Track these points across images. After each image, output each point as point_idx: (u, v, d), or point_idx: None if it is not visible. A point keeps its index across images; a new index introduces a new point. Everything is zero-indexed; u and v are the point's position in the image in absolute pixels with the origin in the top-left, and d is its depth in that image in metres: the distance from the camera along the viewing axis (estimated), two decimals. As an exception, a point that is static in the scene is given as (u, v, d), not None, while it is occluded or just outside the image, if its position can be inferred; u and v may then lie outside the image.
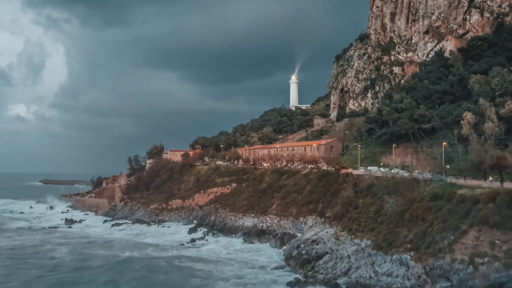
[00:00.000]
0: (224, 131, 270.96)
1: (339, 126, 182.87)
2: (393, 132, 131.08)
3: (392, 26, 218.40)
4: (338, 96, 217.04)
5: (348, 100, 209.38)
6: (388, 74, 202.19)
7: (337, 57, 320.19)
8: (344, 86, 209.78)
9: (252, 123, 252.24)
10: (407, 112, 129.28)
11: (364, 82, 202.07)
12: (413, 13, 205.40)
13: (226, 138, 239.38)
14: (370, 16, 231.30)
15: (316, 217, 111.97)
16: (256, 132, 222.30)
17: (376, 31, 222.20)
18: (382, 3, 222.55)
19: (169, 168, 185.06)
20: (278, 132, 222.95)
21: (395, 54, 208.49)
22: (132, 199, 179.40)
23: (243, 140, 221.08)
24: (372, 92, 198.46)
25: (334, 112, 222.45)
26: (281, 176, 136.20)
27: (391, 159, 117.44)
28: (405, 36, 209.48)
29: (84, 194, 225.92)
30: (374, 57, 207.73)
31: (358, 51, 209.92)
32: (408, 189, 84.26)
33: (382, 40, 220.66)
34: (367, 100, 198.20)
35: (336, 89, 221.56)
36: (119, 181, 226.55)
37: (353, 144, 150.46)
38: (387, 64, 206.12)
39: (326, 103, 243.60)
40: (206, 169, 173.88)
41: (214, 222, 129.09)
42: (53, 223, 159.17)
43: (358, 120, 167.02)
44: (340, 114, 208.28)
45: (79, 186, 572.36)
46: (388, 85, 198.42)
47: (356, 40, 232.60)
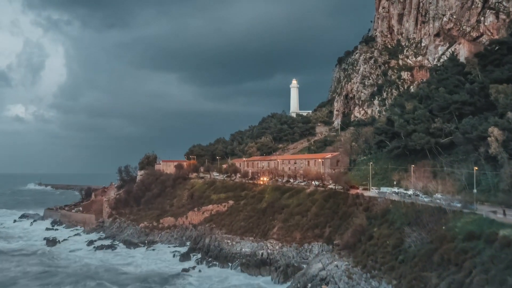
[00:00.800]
0: (221, 138, 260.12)
1: (344, 136, 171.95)
2: (407, 146, 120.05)
3: (399, 28, 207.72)
4: (342, 102, 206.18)
5: (353, 107, 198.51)
6: (396, 79, 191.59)
7: (339, 60, 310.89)
8: (349, 92, 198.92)
9: (250, 130, 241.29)
10: (423, 124, 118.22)
11: (371, 88, 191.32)
12: (423, 14, 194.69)
13: (223, 146, 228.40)
14: (375, 17, 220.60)
15: (322, 243, 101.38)
16: (254, 141, 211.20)
17: (383, 33, 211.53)
18: (389, 3, 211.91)
19: (161, 181, 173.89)
20: (278, 141, 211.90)
21: (403, 58, 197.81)
22: (121, 215, 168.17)
23: (241, 150, 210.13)
24: (379, 99, 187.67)
25: (337, 119, 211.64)
26: (282, 194, 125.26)
27: (406, 179, 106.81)
28: (414, 39, 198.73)
29: (72, 207, 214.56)
30: (381, 61, 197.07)
31: (364, 54, 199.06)
32: (433, 221, 73.33)
33: (389, 43, 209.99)
34: (374, 108, 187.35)
35: (340, 95, 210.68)
36: (109, 193, 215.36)
37: (361, 158, 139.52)
38: (395, 68, 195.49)
39: (329, 110, 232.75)
40: (201, 183, 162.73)
41: (208, 247, 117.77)
42: (33, 243, 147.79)
43: (366, 130, 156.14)
44: (344, 122, 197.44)
45: (74, 191, 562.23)
46: (396, 91, 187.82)
47: (361, 43, 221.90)
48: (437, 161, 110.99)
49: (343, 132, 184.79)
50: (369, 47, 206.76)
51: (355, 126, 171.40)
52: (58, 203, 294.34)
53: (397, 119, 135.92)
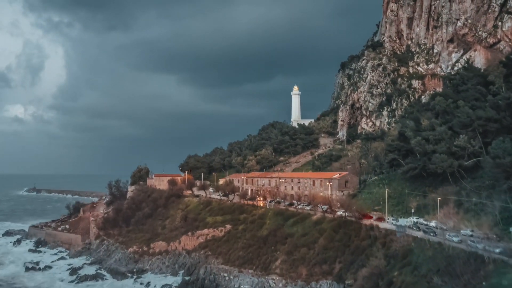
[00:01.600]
0: (218, 149, 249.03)
1: (351, 150, 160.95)
2: (425, 167, 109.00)
3: (409, 33, 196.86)
4: (348, 112, 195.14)
5: (360, 118, 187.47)
6: (407, 88, 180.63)
7: (342, 65, 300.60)
8: (356, 102, 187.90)
9: (249, 140, 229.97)
10: (443, 143, 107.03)
11: (379, 97, 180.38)
12: (435, 18, 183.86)
13: (220, 158, 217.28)
14: (383, 21, 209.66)
15: (332, 282, 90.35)
16: (253, 153, 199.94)
17: (391, 39, 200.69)
18: (398, 6, 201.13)
19: (153, 199, 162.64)
20: (279, 153, 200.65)
21: (414, 65, 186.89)
22: (109, 236, 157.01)
23: (239, 162, 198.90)
24: (388, 110, 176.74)
25: (342, 130, 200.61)
26: (285, 220, 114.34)
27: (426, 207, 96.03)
28: (425, 44, 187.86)
29: (59, 224, 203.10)
30: (390, 69, 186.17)
31: (371, 61, 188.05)
32: (470, 272, 62.18)
33: (398, 48, 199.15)
34: (383, 119, 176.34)
35: (345, 104, 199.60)
36: (98, 209, 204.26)
37: (371, 178, 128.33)
38: (405, 77, 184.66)
39: (332, 119, 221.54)
40: (195, 203, 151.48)
41: (203, 282, 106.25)
42: (13, 271, 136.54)
43: (376, 146, 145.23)
44: (350, 134, 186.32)
45: (69, 196, 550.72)
46: (407, 101, 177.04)
47: (368, 48, 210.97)
48: (460, 186, 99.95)
49: (350, 145, 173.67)
50: (376, 53, 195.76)
51: (363, 140, 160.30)
52: (49, 214, 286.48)
53: (411, 135, 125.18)
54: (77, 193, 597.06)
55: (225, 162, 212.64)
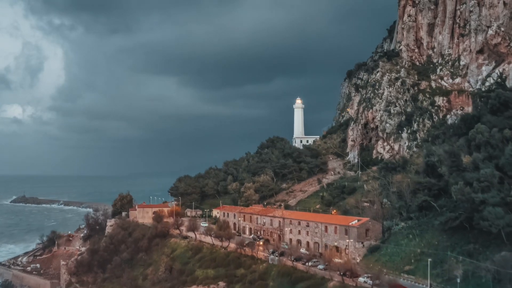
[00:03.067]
0: (212, 169, 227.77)
1: (368, 182, 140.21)
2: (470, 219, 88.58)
3: (430, 42, 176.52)
4: (360, 132, 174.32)
5: (375, 140, 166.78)
6: (429, 106, 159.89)
7: (348, 74, 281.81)
8: (370, 121, 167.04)
9: (247, 161, 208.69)
10: (495, 192, 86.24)
11: (398, 117, 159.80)
12: (461, 25, 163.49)
13: (214, 182, 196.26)
14: (399, 27, 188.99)
15: None
16: (252, 178, 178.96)
17: (409, 47, 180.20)
18: (416, 10, 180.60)
19: (134, 240, 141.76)
20: (280, 178, 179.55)
21: (437, 79, 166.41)
22: (82, 284, 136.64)
23: (235, 189, 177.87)
24: (408, 132, 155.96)
25: (353, 151, 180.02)
26: (293, 284, 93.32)
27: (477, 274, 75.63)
28: (449, 55, 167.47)
29: (30, 258, 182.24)
30: (410, 83, 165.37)
31: (388, 74, 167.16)
32: None
33: (417, 59, 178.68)
34: (402, 142, 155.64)
35: (356, 122, 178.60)
36: (74, 243, 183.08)
37: (398, 225, 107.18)
38: (427, 92, 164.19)
39: (341, 137, 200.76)
40: (183, 247, 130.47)
41: None
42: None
43: (398, 179, 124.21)
44: (364, 158, 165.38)
45: (60, 206, 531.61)
46: (430, 121, 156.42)
47: (380, 58, 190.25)
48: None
49: (364, 173, 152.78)
50: (392, 64, 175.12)
51: (381, 170, 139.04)
52: (30, 233, 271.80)
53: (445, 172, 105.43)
54: (67, 203, 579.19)
55: (219, 187, 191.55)
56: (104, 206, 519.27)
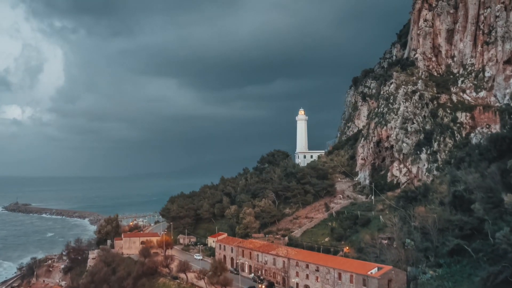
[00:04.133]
0: (208, 186, 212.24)
1: (384, 214, 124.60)
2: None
3: (449, 49, 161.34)
4: (372, 151, 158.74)
5: (389, 160, 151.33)
6: (450, 123, 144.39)
7: (354, 81, 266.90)
8: (384, 140, 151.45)
9: (245, 179, 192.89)
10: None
11: (416, 135, 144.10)
12: (485, 32, 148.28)
13: (210, 204, 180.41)
14: (414, 33, 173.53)
15: None
16: (251, 200, 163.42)
17: (425, 56, 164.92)
18: (434, 14, 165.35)
19: (118, 279, 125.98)
20: (283, 201, 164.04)
21: (458, 92, 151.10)
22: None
23: (233, 214, 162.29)
24: (428, 152, 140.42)
25: (363, 171, 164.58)
26: None
27: None
28: (472, 65, 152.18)
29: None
30: (428, 97, 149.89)
31: (404, 87, 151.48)
32: None
33: (434, 68, 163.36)
34: (421, 164, 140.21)
35: (367, 139, 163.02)
36: (53, 275, 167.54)
37: (426, 273, 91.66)
38: (447, 107, 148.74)
39: (349, 154, 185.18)
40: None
41: None
42: None
43: (421, 213, 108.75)
44: (377, 181, 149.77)
45: (53, 216, 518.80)
46: (451, 140, 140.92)
47: (393, 67, 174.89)
48: None
49: (379, 199, 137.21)
50: (407, 75, 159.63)
51: (400, 199, 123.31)
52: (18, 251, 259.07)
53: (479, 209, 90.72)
54: (60, 212, 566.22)
55: (215, 209, 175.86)
56: (98, 216, 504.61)
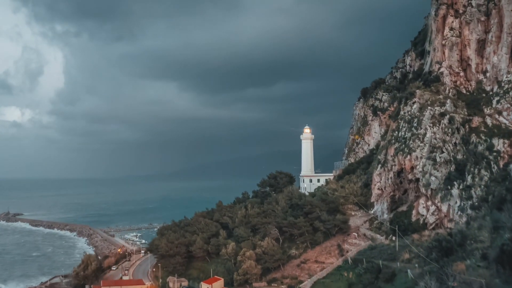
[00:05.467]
0: (202, 214, 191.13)
1: (412, 265, 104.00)
2: None
3: (480, 63, 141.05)
4: (392, 181, 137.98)
5: (414, 195, 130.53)
6: (485, 151, 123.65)
7: (363, 93, 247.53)
8: (407, 171, 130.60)
9: (245, 209, 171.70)
10: None
11: (445, 167, 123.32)
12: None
13: (204, 239, 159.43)
14: (438, 43, 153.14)
15: None
16: (251, 240, 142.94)
17: (452, 70, 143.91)
18: (461, 22, 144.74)
19: None
20: (289, 239, 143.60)
21: (493, 113, 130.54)
22: None
23: (230, 253, 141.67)
24: (460, 187, 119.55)
25: (380, 203, 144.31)
26: None
27: None
28: (508, 82, 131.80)
29: None
30: (459, 120, 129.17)
31: (430, 109, 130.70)
32: None
33: (463, 85, 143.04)
34: (452, 202, 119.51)
35: (385, 167, 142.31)
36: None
37: None
38: (481, 132, 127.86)
39: (362, 180, 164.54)
40: None
41: None
42: None
43: (465, 276, 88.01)
44: (399, 220, 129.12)
45: (41, 229, 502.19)
46: (487, 172, 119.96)
47: (414, 82, 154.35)
48: None
49: (405, 247, 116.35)
50: (432, 93, 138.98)
51: (432, 249, 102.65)
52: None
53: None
54: (51, 225, 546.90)
55: (210, 247, 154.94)
56: (89, 231, 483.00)
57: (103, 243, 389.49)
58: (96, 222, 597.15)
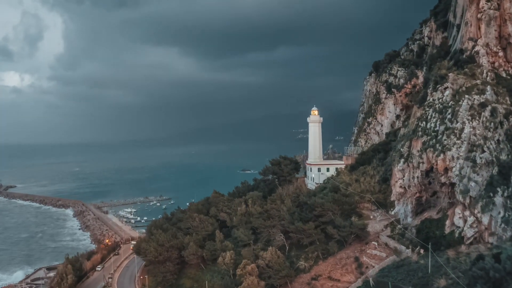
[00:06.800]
0: (196, 205, 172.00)
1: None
2: None
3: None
4: (418, 181, 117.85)
5: (448, 202, 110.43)
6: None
7: (375, 67, 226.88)
8: (440, 172, 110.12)
9: (245, 205, 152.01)
10: None
11: (487, 169, 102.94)
12: None
13: (197, 244, 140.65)
14: (470, 16, 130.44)
15: None
16: (253, 251, 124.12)
17: (490, 50, 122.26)
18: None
19: None
20: (296, 246, 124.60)
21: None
22: None
23: (229, 264, 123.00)
24: (505, 195, 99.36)
25: (403, 204, 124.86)
26: None
27: None
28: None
29: None
30: (502, 112, 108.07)
31: (468, 98, 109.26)
32: None
33: (502, 67, 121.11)
34: (495, 213, 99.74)
35: (409, 162, 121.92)
36: None
37: None
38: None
39: (379, 173, 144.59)
40: None
41: None
42: None
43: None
44: (429, 229, 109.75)
45: (34, 204, 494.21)
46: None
47: (443, 61, 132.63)
48: None
49: (435, 262, 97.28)
50: (467, 77, 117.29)
51: (477, 280, 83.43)
52: None
53: None
54: (43, 200, 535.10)
55: (205, 252, 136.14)
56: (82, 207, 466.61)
57: (95, 223, 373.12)
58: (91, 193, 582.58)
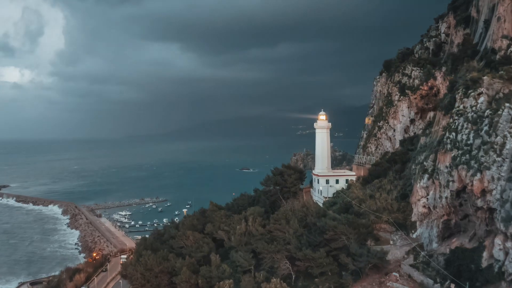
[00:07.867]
0: (191, 218, 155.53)
1: None
2: None
3: None
4: (448, 202, 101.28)
5: (485, 230, 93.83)
6: None
7: (386, 66, 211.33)
8: (476, 195, 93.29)
9: (245, 222, 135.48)
10: None
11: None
12: None
13: (192, 268, 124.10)
14: (502, 10, 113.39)
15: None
16: (255, 279, 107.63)
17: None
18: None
19: None
20: (304, 275, 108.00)
21: None
22: None
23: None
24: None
25: (426, 226, 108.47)
26: None
27: None
28: None
29: None
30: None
31: (509, 107, 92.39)
32: None
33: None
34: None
35: (434, 178, 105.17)
36: None
37: None
38: None
39: (397, 188, 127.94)
40: None
41: None
42: None
43: None
44: (460, 260, 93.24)
45: (28, 206, 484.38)
46: None
47: (471, 62, 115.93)
48: None
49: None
50: (504, 80, 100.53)
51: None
52: None
53: None
54: (35, 201, 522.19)
55: (200, 279, 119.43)
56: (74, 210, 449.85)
57: (87, 228, 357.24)
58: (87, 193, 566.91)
